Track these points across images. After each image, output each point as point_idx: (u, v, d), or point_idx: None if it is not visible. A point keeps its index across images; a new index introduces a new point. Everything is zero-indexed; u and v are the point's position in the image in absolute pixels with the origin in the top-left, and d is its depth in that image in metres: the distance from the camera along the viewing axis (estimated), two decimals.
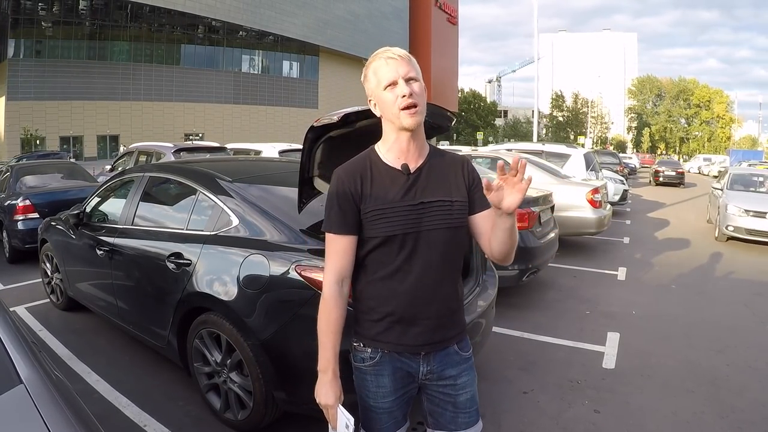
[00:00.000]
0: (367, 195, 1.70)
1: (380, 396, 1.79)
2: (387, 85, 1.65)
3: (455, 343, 1.82)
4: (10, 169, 9.23)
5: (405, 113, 1.64)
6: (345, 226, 1.71)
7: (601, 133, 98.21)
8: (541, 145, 13.10)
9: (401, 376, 1.79)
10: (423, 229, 1.70)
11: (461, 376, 1.82)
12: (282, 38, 60.43)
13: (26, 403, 1.22)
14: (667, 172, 27.98)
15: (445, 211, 1.72)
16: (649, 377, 4.08)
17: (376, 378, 1.79)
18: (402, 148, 1.72)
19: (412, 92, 1.64)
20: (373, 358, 1.78)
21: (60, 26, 46.31)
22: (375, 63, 1.69)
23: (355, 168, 1.75)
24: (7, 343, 1.41)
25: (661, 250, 9.41)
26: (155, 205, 4.31)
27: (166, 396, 3.69)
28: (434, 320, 1.74)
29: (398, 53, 1.67)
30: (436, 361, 1.79)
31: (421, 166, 1.74)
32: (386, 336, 1.75)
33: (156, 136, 41.72)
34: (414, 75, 1.66)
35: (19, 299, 5.93)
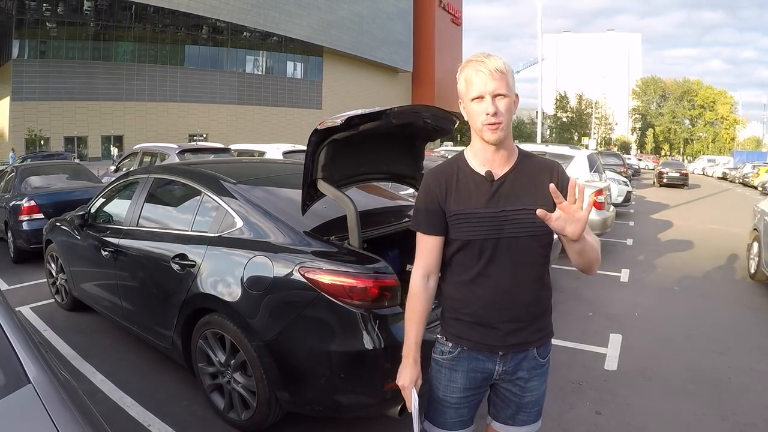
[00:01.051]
0: (451, 199, 1.76)
1: (450, 390, 1.86)
2: (474, 97, 1.67)
3: (535, 348, 1.85)
4: (14, 169, 9.28)
5: (487, 128, 1.66)
6: (430, 227, 1.79)
7: (605, 134, 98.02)
8: (545, 146, 13.08)
9: (474, 376, 1.84)
10: (504, 236, 1.72)
11: (532, 380, 1.86)
12: (286, 39, 60.58)
13: (34, 403, 1.24)
14: (671, 173, 27.92)
15: (528, 220, 1.70)
16: (651, 379, 4.09)
17: (449, 372, 1.85)
18: (487, 156, 1.75)
19: (497, 111, 1.64)
20: (452, 352, 1.85)
21: (64, 27, 46.48)
22: (468, 70, 1.69)
23: (442, 172, 1.81)
24: (15, 344, 1.43)
25: (664, 252, 9.40)
26: (160, 207, 4.33)
27: (170, 396, 3.72)
28: (512, 324, 1.78)
29: (491, 67, 1.65)
30: (513, 363, 1.83)
31: (506, 174, 1.75)
32: (468, 334, 1.81)
33: (160, 137, 41.92)
34: (504, 91, 1.66)
35: (24, 299, 5.97)
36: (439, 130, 3.50)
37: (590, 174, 10.83)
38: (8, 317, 1.53)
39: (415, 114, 3.12)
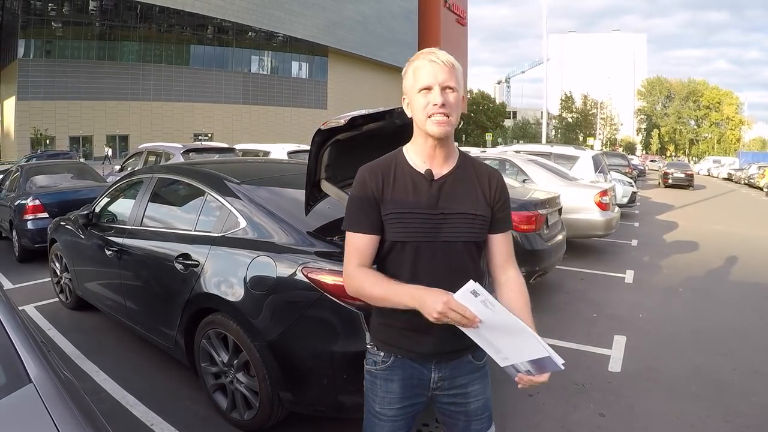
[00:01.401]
0: (387, 197, 1.66)
1: (387, 402, 1.76)
2: (422, 88, 1.60)
3: (470, 353, 1.78)
4: (20, 168, 9.32)
5: (431, 121, 1.59)
6: (366, 225, 1.67)
7: (611, 134, 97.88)
8: (550, 147, 13.07)
9: (411, 384, 1.75)
10: (440, 240, 1.65)
11: (472, 384, 1.79)
12: (291, 39, 60.72)
13: (35, 403, 1.23)
14: (676, 174, 27.84)
15: (467, 225, 1.67)
16: (655, 381, 4.07)
17: (385, 383, 1.75)
18: (428, 153, 1.67)
19: (445, 102, 1.58)
20: (385, 361, 1.75)
21: (70, 26, 46.72)
22: (417, 62, 1.63)
23: (378, 166, 1.71)
24: (17, 343, 1.43)
25: (669, 253, 9.37)
26: (164, 206, 4.34)
27: (173, 395, 3.72)
28: (447, 331, 1.64)
29: (442, 58, 1.60)
30: (448, 369, 1.76)
31: (447, 174, 1.69)
32: (400, 341, 1.72)
33: (165, 136, 42.06)
34: (453, 84, 1.60)
35: (28, 298, 5.99)
36: None
37: (595, 174, 10.82)
38: (10, 316, 1.52)
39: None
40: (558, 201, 6.78)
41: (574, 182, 9.05)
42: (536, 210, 5.96)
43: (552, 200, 6.51)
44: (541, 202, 6.17)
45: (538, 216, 5.95)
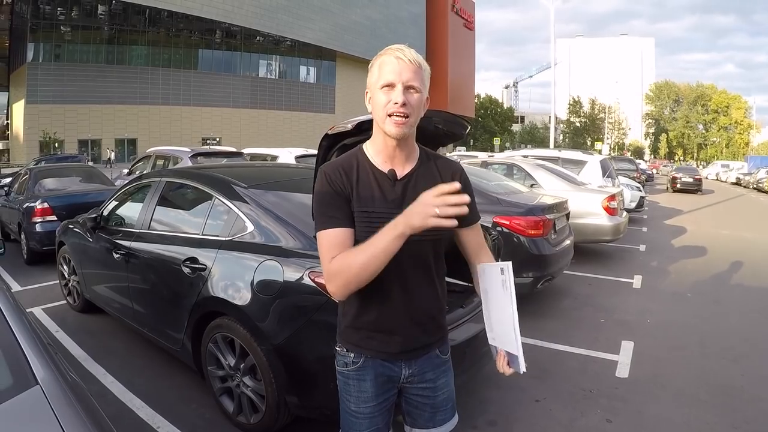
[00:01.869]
0: (354, 195, 1.63)
1: (362, 401, 1.77)
2: (384, 84, 1.56)
3: (437, 348, 1.83)
4: (28, 171, 9.37)
5: (390, 120, 1.55)
6: (338, 220, 1.59)
7: (619, 139, 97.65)
8: (557, 151, 13.05)
9: (383, 381, 1.78)
10: (408, 239, 1.57)
11: (440, 378, 1.84)
12: (299, 43, 60.94)
13: (41, 404, 1.24)
14: (685, 178, 27.70)
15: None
16: (663, 386, 4.04)
17: (358, 383, 1.77)
18: (389, 152, 1.65)
19: (406, 102, 1.54)
20: (356, 362, 1.76)
21: (79, 30, 47.10)
22: (384, 57, 1.59)
23: (341, 164, 1.68)
24: (24, 344, 1.44)
25: (678, 258, 9.32)
26: (171, 210, 4.36)
27: (179, 398, 3.73)
28: (414, 328, 1.73)
29: (409, 56, 1.55)
30: (418, 365, 1.79)
31: (410, 173, 1.68)
32: (369, 342, 1.74)
33: (173, 140, 42.29)
34: (416, 84, 1.56)
35: (36, 300, 6.02)
36: (451, 135, 3.46)
37: (603, 179, 10.79)
38: (17, 318, 1.53)
39: (426, 119, 3.08)
40: (566, 206, 6.76)
41: (581, 187, 9.03)
42: (544, 215, 5.94)
43: (560, 205, 6.49)
44: (549, 206, 6.15)
45: (546, 221, 5.92)
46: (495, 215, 5.89)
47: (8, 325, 1.49)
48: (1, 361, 1.43)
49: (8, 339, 1.45)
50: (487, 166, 9.85)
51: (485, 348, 3.35)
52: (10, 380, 1.36)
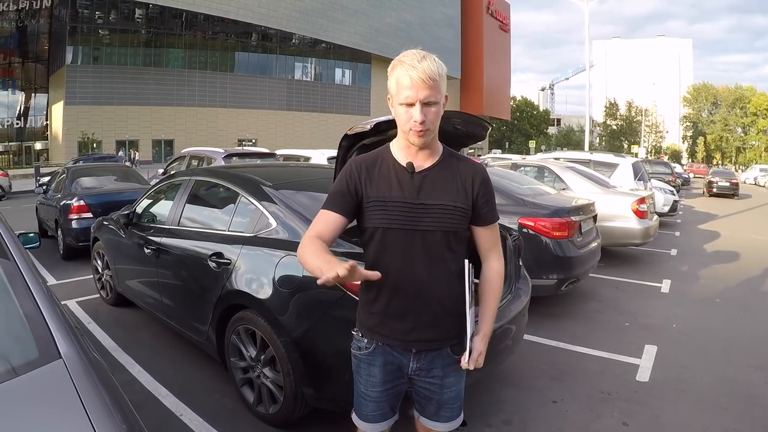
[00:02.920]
0: (370, 186, 1.78)
1: (370, 384, 1.89)
2: (403, 103, 1.68)
3: (449, 346, 1.87)
4: (66, 170, 9.67)
5: (413, 133, 1.69)
6: (339, 206, 1.79)
7: (656, 142, 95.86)
8: (589, 154, 12.93)
9: (391, 369, 1.87)
10: (419, 229, 1.75)
11: (448, 377, 1.89)
12: (334, 46, 61.22)
13: (63, 377, 1.33)
14: (721, 182, 27.05)
15: (446, 215, 1.76)
16: (683, 392, 4.00)
17: (368, 367, 1.88)
18: (410, 152, 1.79)
19: (425, 119, 1.66)
20: (368, 347, 1.88)
21: (117, 34, 48.18)
22: (399, 71, 1.68)
23: (366, 159, 1.85)
24: (49, 321, 1.54)
25: (709, 263, 9.15)
26: (200, 208, 4.48)
27: (203, 388, 3.85)
28: (426, 318, 1.80)
29: (422, 75, 1.63)
30: (427, 361, 1.86)
31: (429, 168, 1.79)
32: (381, 328, 1.84)
33: (210, 141, 42.89)
34: (434, 99, 1.67)
35: (71, 294, 6.24)
36: (471, 136, 3.51)
37: (635, 182, 10.66)
38: (43, 294, 1.64)
39: (444, 120, 3.13)
40: (592, 208, 6.72)
41: (611, 189, 8.94)
42: (569, 216, 5.92)
43: (586, 207, 6.45)
44: (575, 208, 6.13)
45: (571, 222, 5.90)
46: (520, 216, 5.90)
47: (35, 301, 1.60)
48: (28, 334, 1.53)
49: (35, 314, 1.55)
50: (517, 168, 9.83)
51: (501, 345, 3.41)
52: (36, 353, 1.46)
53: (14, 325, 1.61)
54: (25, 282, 1.68)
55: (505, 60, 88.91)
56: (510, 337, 3.55)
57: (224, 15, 51.23)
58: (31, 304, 1.58)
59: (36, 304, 1.58)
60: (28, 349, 1.50)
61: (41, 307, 1.57)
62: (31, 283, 1.68)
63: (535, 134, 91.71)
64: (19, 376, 1.36)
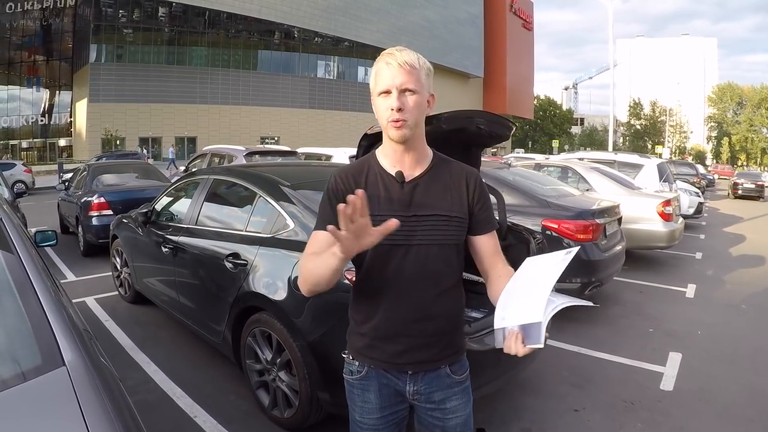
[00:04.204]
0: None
1: (366, 411, 1.73)
2: (381, 92, 1.58)
3: (447, 366, 1.71)
4: (87, 167, 9.76)
5: (391, 125, 1.55)
6: (326, 224, 1.49)
7: (680, 142, 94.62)
8: (614, 154, 12.75)
9: (388, 393, 1.71)
10: (414, 243, 1.60)
11: (450, 401, 1.72)
12: (357, 44, 61.19)
13: (65, 386, 1.28)
14: (746, 184, 26.57)
15: (441, 227, 1.62)
16: (708, 402, 3.88)
17: (362, 393, 1.73)
18: (396, 157, 1.64)
19: (402, 107, 1.53)
20: (360, 371, 1.73)
21: (140, 32, 48.62)
22: (379, 64, 1.60)
23: (351, 169, 1.69)
24: (55, 327, 1.49)
25: (735, 267, 8.95)
26: (218, 207, 4.46)
27: (218, 390, 3.83)
28: (420, 339, 1.65)
29: (399, 60, 1.54)
30: (424, 382, 1.70)
31: (419, 176, 1.64)
32: (371, 351, 1.69)
33: (232, 139, 43.13)
34: (412, 86, 1.54)
35: (90, 290, 6.28)
36: (495, 136, 3.43)
37: (660, 184, 10.48)
38: (51, 302, 1.59)
39: (467, 119, 3.06)
40: (617, 210, 6.59)
41: (636, 191, 8.78)
42: (593, 219, 5.81)
43: (611, 209, 6.33)
44: (599, 211, 6.01)
45: (596, 225, 5.79)
46: (544, 218, 5.81)
47: (42, 307, 1.55)
48: (32, 341, 1.49)
49: (41, 321, 1.51)
50: (541, 169, 9.70)
51: None
52: (39, 360, 1.41)
53: (17, 329, 1.57)
54: (31, 283, 1.64)
55: (529, 59, 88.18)
56: None
57: (247, 13, 51.46)
58: (36, 308, 1.54)
59: (41, 307, 1.54)
60: (30, 355, 1.46)
61: (46, 310, 1.53)
62: (37, 285, 1.63)
63: (558, 134, 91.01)
64: (19, 384, 1.31)
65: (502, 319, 1.43)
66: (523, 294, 1.43)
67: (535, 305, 1.36)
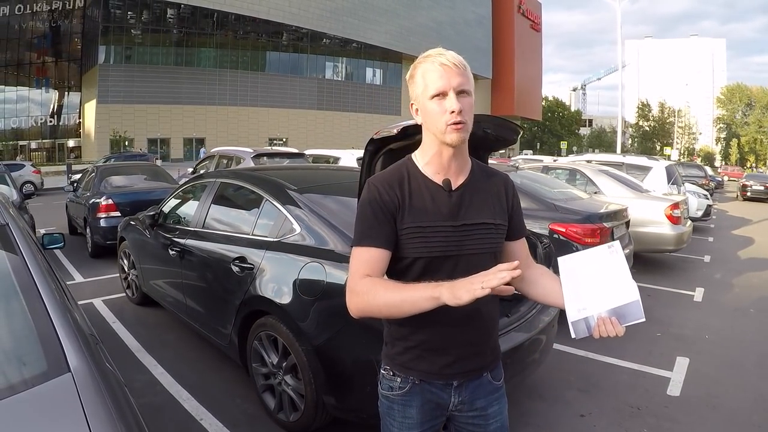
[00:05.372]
0: (405, 208, 1.53)
1: (406, 427, 1.67)
2: (435, 94, 1.48)
3: (489, 372, 1.69)
4: (95, 169, 9.81)
5: (451, 129, 1.47)
6: (378, 240, 1.51)
7: (689, 144, 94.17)
8: (622, 157, 12.69)
9: (430, 408, 1.66)
10: (464, 253, 1.55)
11: (491, 406, 1.70)
12: (365, 45, 61.29)
13: (70, 392, 1.29)
14: (755, 186, 26.37)
15: (489, 235, 1.58)
16: (715, 408, 3.85)
17: (403, 408, 1.66)
18: (443, 163, 1.56)
19: (462, 109, 1.45)
20: (402, 387, 1.65)
21: (148, 33, 48.97)
22: (425, 65, 1.51)
23: (392, 177, 1.58)
24: (61, 333, 1.49)
25: (744, 271, 8.88)
26: (224, 210, 4.47)
27: (225, 393, 3.83)
28: (469, 348, 1.62)
29: (453, 60, 1.47)
30: (468, 392, 1.66)
31: (463, 184, 1.58)
32: (419, 364, 1.62)
33: (241, 140, 43.32)
34: (467, 88, 1.48)
35: (97, 292, 6.30)
36: (502, 140, 3.40)
37: (668, 186, 10.42)
38: (57, 306, 1.60)
39: (474, 124, 3.04)
40: (625, 213, 6.56)
41: (644, 194, 8.74)
42: (601, 222, 5.79)
43: (619, 213, 6.30)
44: (607, 214, 5.99)
45: (603, 229, 5.77)
46: (551, 222, 5.78)
47: (47, 312, 1.55)
48: (38, 347, 1.49)
49: (47, 326, 1.51)
50: (549, 171, 9.66)
51: (530, 358, 3.31)
52: (44, 366, 1.42)
53: (23, 335, 1.58)
54: (37, 288, 1.64)
55: (537, 60, 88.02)
56: (539, 349, 3.46)
57: (255, 15, 51.62)
58: (42, 313, 1.55)
59: (47, 313, 1.54)
60: (36, 361, 1.46)
61: (52, 315, 1.53)
62: (42, 290, 1.64)
63: (566, 135, 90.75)
64: (23, 391, 1.32)
65: (581, 310, 1.42)
66: (595, 283, 1.44)
67: (624, 288, 1.43)
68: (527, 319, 3.42)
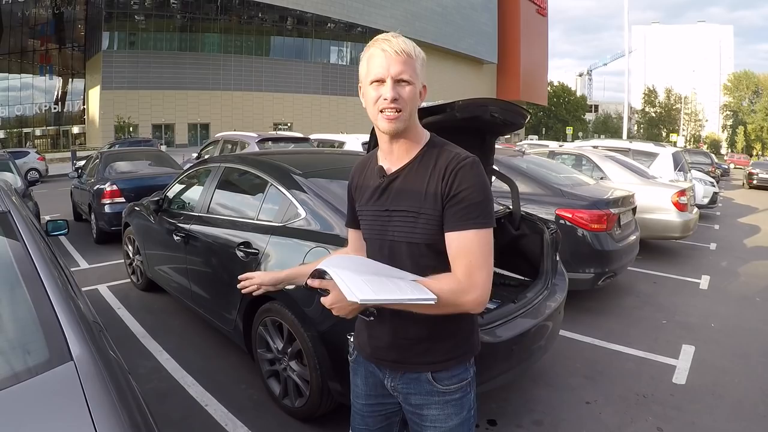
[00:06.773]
0: (357, 191, 1.68)
1: (355, 395, 1.76)
2: (373, 80, 1.46)
3: (429, 373, 1.57)
4: (99, 155, 9.80)
5: (382, 116, 1.46)
6: (351, 221, 1.76)
7: (695, 130, 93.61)
8: (629, 143, 12.61)
9: (374, 382, 1.68)
10: (387, 239, 1.55)
11: (428, 408, 1.59)
12: (370, 30, 60.82)
13: (72, 381, 1.28)
14: (762, 174, 26.20)
15: (408, 224, 1.50)
16: (721, 396, 3.83)
17: (353, 376, 1.77)
18: (384, 148, 1.57)
19: (397, 97, 1.43)
20: (352, 355, 1.78)
21: (152, 19, 48.68)
22: (372, 50, 1.47)
23: (362, 162, 1.72)
24: (63, 321, 1.48)
25: (749, 259, 8.84)
26: (229, 195, 4.45)
27: (230, 378, 3.84)
28: (388, 338, 1.58)
29: (395, 48, 1.43)
30: (401, 382, 1.61)
31: (401, 169, 1.54)
32: (357, 337, 1.73)
33: (245, 125, 43.22)
34: (407, 77, 1.44)
35: (103, 278, 6.32)
36: (509, 124, 3.39)
37: (675, 173, 10.35)
38: (60, 295, 1.58)
39: (481, 108, 3.01)
40: (632, 200, 6.51)
41: (651, 180, 8.68)
42: (608, 209, 5.75)
43: (625, 199, 6.25)
44: (614, 200, 5.94)
45: (610, 215, 5.73)
46: (558, 207, 5.75)
47: (50, 300, 1.54)
48: (40, 335, 1.48)
49: (49, 315, 1.50)
50: (555, 157, 9.61)
51: (536, 345, 3.29)
52: (46, 355, 1.41)
53: (25, 323, 1.56)
54: (39, 276, 1.63)
55: (543, 45, 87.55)
56: (545, 336, 3.44)
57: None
58: (44, 301, 1.53)
59: (50, 301, 1.52)
60: (38, 349, 1.45)
61: (55, 303, 1.52)
62: (45, 278, 1.62)
63: (571, 120, 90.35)
64: (26, 380, 1.31)
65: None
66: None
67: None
68: (534, 305, 3.40)
